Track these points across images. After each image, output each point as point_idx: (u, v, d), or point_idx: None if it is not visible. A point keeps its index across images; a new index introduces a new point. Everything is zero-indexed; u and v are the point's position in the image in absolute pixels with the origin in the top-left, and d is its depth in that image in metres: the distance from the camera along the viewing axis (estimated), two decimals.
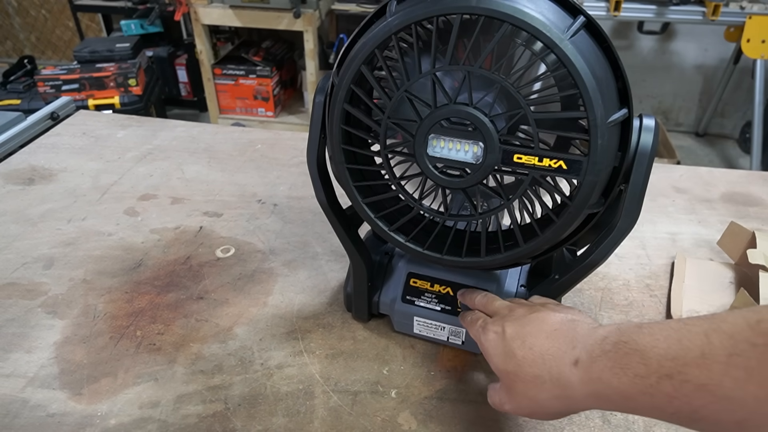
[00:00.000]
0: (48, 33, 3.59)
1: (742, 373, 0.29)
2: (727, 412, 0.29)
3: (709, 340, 0.30)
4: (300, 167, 0.94)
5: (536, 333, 0.43)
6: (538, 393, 0.41)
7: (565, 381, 0.39)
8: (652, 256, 0.75)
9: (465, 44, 0.42)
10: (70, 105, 1.13)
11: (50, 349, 0.60)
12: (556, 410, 0.41)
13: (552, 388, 0.40)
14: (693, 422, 0.31)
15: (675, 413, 0.32)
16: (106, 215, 0.82)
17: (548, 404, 0.41)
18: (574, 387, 0.38)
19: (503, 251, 0.49)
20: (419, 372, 0.58)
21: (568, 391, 0.39)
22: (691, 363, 0.31)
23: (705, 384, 0.30)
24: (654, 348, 0.33)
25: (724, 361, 0.29)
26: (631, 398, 0.34)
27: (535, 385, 0.41)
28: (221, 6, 2.49)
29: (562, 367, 0.39)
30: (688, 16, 2.19)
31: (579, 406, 0.40)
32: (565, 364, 0.39)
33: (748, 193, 0.89)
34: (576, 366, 0.38)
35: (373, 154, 0.50)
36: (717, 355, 0.30)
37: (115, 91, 2.52)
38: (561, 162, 0.43)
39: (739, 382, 0.29)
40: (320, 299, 0.67)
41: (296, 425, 0.53)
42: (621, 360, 0.35)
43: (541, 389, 0.41)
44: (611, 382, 0.35)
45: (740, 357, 0.29)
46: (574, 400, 0.39)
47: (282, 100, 2.92)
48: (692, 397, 0.31)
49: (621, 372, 0.35)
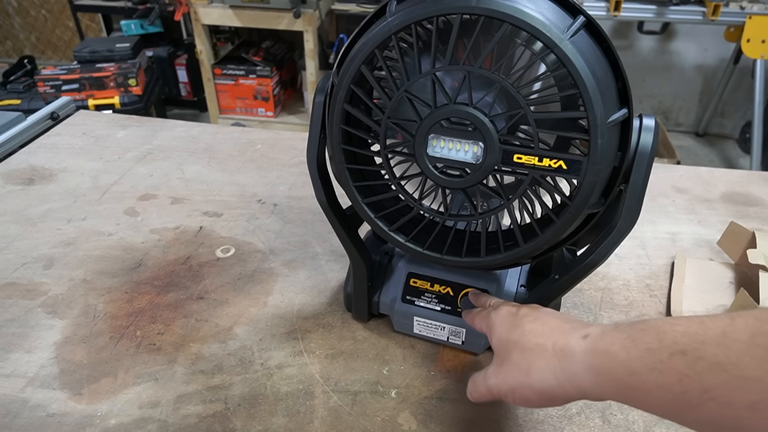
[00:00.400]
0: (48, 33, 3.59)
1: (764, 353, 0.27)
2: (742, 392, 0.28)
3: (733, 322, 0.29)
4: (300, 167, 0.94)
5: (551, 314, 0.43)
6: (535, 361, 0.39)
7: (569, 351, 0.37)
8: (652, 256, 0.75)
9: (465, 44, 0.42)
10: (70, 105, 1.13)
11: (50, 349, 0.60)
12: (545, 385, 0.39)
13: (551, 357, 0.39)
14: (701, 404, 0.29)
15: (682, 393, 0.30)
16: (106, 215, 0.82)
17: (539, 375, 0.39)
18: (576, 358, 0.37)
19: (503, 251, 0.49)
20: (419, 372, 0.58)
21: (567, 362, 0.37)
22: (710, 341, 0.29)
23: (721, 362, 0.28)
24: (673, 326, 0.32)
25: (746, 340, 0.28)
26: (637, 373, 0.32)
27: (533, 352, 0.40)
28: (221, 6, 2.49)
29: (569, 338, 0.38)
30: (688, 16, 2.19)
31: (572, 384, 0.37)
32: (572, 336, 0.38)
33: (748, 193, 0.89)
34: (585, 338, 0.37)
35: (373, 154, 0.50)
36: (739, 334, 0.28)
37: (115, 91, 2.52)
38: (561, 162, 0.43)
39: (761, 361, 0.27)
40: (320, 299, 0.67)
41: (296, 425, 0.53)
42: (634, 334, 0.33)
43: (540, 357, 0.39)
44: (618, 355, 0.33)
45: (764, 337, 0.27)
46: (570, 375, 0.37)
47: (282, 100, 2.92)
48: (705, 375, 0.29)
49: (632, 345, 0.33)
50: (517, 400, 0.41)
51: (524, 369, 0.40)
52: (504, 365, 0.42)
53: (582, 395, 0.37)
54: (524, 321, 0.43)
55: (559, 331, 0.40)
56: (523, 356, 0.41)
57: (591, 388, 0.36)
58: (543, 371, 0.39)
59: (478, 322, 0.50)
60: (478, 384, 0.45)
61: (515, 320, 0.44)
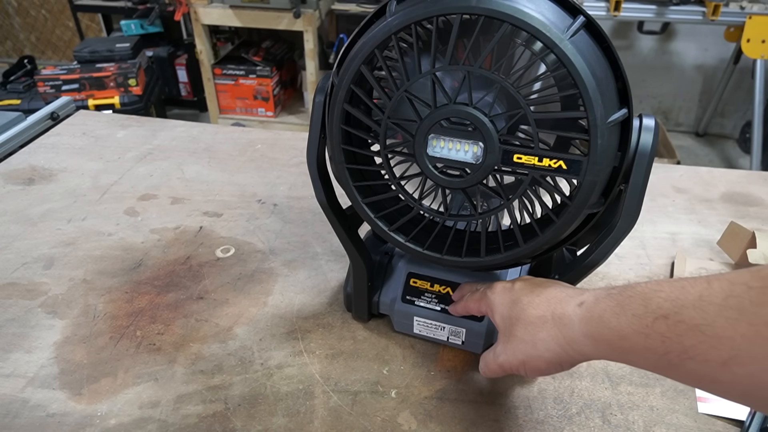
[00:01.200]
0: (48, 33, 3.59)
1: (734, 314, 0.29)
2: (715, 351, 0.30)
3: (710, 285, 0.31)
4: (300, 167, 0.94)
5: (545, 284, 0.46)
6: (538, 332, 0.42)
7: (567, 320, 0.40)
8: (652, 256, 0.75)
9: (465, 44, 0.42)
10: (70, 105, 1.13)
11: (50, 349, 0.60)
12: (552, 353, 0.42)
13: (552, 327, 0.41)
14: (681, 362, 0.32)
15: (666, 354, 0.33)
16: (106, 215, 0.82)
17: (545, 345, 0.42)
18: (574, 325, 0.40)
19: (503, 251, 0.49)
20: (419, 372, 0.58)
21: (567, 330, 0.40)
22: (688, 305, 0.32)
23: (698, 324, 0.31)
24: (657, 292, 0.34)
25: (719, 302, 0.30)
26: (626, 337, 0.35)
27: (536, 325, 0.43)
28: (221, 6, 2.49)
29: (566, 306, 0.41)
30: (688, 16, 2.19)
31: (574, 349, 0.40)
32: (569, 305, 0.41)
33: (748, 193, 0.89)
34: (580, 306, 0.40)
35: (373, 154, 0.50)
36: (714, 297, 0.31)
37: (115, 91, 2.52)
38: (561, 162, 0.43)
39: (731, 321, 0.29)
40: (320, 299, 0.67)
41: (296, 425, 0.53)
42: (623, 301, 0.36)
43: (542, 328, 0.42)
44: (610, 321, 0.36)
45: (735, 299, 0.30)
46: (572, 341, 0.40)
47: (282, 100, 2.92)
48: (684, 336, 0.31)
49: (620, 311, 0.36)
50: (529, 371, 0.44)
51: (530, 342, 0.43)
52: (510, 341, 0.45)
53: (585, 358, 0.40)
54: (521, 295, 0.46)
55: (556, 300, 0.43)
56: (526, 330, 0.43)
57: (590, 352, 0.39)
58: (547, 342, 0.42)
59: (473, 305, 0.52)
60: (490, 362, 0.48)
61: (512, 295, 0.46)
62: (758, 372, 0.29)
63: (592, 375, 0.58)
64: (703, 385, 0.33)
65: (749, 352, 0.29)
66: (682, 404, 0.55)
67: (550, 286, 0.45)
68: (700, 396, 0.55)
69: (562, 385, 0.57)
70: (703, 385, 0.33)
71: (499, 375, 0.48)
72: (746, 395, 0.31)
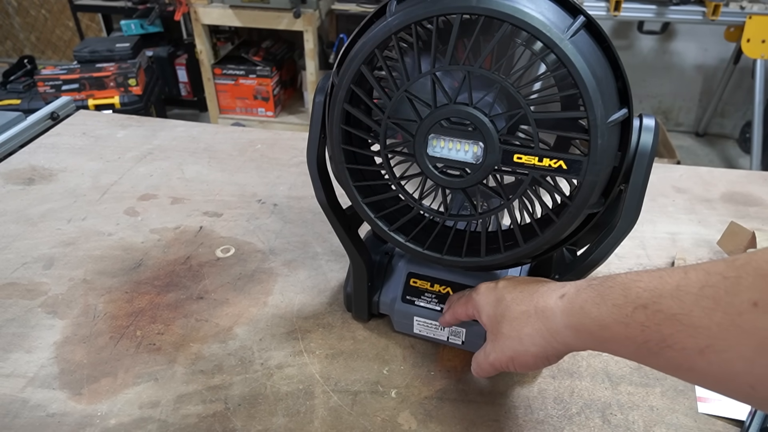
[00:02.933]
0: (48, 33, 3.59)
1: (710, 303, 0.30)
2: (692, 339, 0.31)
3: (687, 275, 0.32)
4: (300, 167, 0.94)
5: (528, 281, 0.46)
6: (523, 327, 0.43)
7: (550, 312, 0.41)
8: (652, 256, 0.75)
9: (465, 44, 0.42)
10: (70, 105, 1.13)
11: (50, 349, 0.60)
12: (537, 347, 0.42)
13: (536, 321, 0.42)
14: (660, 350, 0.33)
15: (645, 342, 0.33)
16: (106, 215, 0.82)
17: (530, 340, 0.42)
18: (556, 317, 0.40)
19: (503, 251, 0.49)
20: (419, 372, 0.58)
21: (550, 322, 0.40)
22: (666, 294, 0.32)
23: (675, 314, 0.31)
24: (636, 282, 0.35)
25: (695, 292, 0.31)
26: (607, 327, 0.36)
27: (520, 321, 0.43)
28: (221, 6, 2.49)
29: (548, 299, 0.41)
30: (688, 16, 2.19)
31: (558, 341, 0.40)
32: (551, 297, 0.41)
33: (748, 193, 0.89)
34: (562, 298, 0.40)
35: (373, 154, 0.50)
36: (690, 287, 0.31)
37: (115, 91, 2.52)
38: (561, 162, 0.43)
39: (707, 311, 0.30)
40: (320, 299, 0.67)
41: (296, 425, 0.53)
42: (604, 291, 0.37)
43: (526, 323, 0.42)
44: (591, 311, 0.37)
45: (711, 288, 0.30)
46: (555, 333, 0.40)
47: (282, 100, 2.92)
48: (663, 325, 0.32)
49: (601, 301, 0.36)
50: (518, 367, 0.45)
51: (516, 338, 0.43)
52: (498, 339, 0.45)
53: (569, 349, 0.41)
54: (505, 292, 0.46)
55: (538, 294, 0.43)
56: (511, 326, 0.44)
57: (574, 343, 0.40)
58: (532, 336, 0.42)
59: (461, 309, 0.52)
60: (481, 362, 0.48)
61: (497, 294, 0.47)
62: (733, 360, 0.29)
63: (592, 375, 0.58)
64: (681, 373, 0.33)
65: (724, 340, 0.29)
66: (682, 404, 0.55)
67: (533, 281, 0.46)
68: (700, 396, 0.55)
69: (562, 385, 0.57)
70: (681, 374, 0.33)
71: (491, 374, 0.49)
72: (721, 383, 0.31)
